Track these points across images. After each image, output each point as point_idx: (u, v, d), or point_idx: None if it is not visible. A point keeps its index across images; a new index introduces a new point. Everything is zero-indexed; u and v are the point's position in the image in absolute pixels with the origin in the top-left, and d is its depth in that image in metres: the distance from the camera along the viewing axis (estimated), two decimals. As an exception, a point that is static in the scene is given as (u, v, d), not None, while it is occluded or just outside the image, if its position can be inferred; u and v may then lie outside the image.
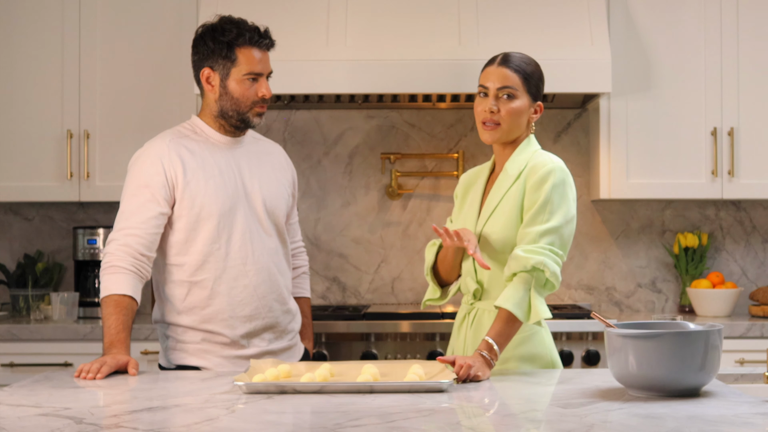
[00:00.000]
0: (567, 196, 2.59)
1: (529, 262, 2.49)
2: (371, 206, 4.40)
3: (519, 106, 2.65)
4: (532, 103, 2.68)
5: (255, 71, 2.88)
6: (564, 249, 2.57)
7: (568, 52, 3.80)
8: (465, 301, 2.75)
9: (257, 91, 2.89)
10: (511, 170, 2.67)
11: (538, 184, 2.58)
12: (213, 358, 2.87)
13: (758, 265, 4.38)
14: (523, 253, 2.51)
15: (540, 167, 2.60)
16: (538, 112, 2.70)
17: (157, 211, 2.81)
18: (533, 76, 2.68)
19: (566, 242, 2.58)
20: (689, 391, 2.12)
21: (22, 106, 4.09)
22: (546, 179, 2.58)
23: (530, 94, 2.67)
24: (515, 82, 2.64)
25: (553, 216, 2.55)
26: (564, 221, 2.56)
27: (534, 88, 2.67)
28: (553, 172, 2.59)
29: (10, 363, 3.77)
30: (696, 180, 4.04)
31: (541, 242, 2.53)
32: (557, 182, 2.58)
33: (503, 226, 2.62)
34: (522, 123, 2.67)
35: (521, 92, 2.65)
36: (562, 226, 2.56)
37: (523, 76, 2.66)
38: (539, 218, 2.56)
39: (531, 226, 2.56)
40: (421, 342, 3.74)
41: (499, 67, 2.66)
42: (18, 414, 2.03)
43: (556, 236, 2.55)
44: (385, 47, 3.83)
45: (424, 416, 1.96)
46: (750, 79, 4.03)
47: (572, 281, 4.38)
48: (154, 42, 4.08)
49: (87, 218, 4.43)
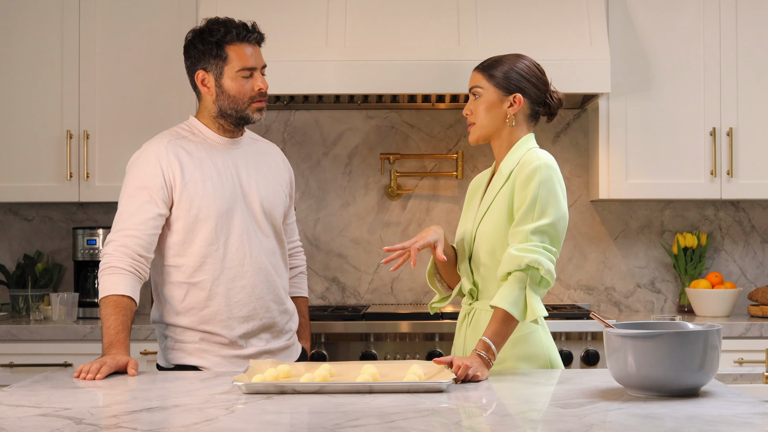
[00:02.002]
0: (555, 191, 2.58)
1: (523, 260, 2.49)
2: (370, 206, 4.40)
3: (485, 101, 2.68)
4: (504, 95, 2.68)
5: (248, 66, 2.88)
6: (557, 245, 2.57)
7: (567, 53, 3.80)
8: (464, 301, 2.77)
9: (253, 86, 2.89)
10: (504, 170, 2.67)
11: (525, 182, 2.58)
12: (211, 358, 2.87)
13: (757, 265, 4.38)
14: (517, 251, 2.51)
15: (527, 165, 2.60)
16: (514, 105, 2.68)
17: (155, 213, 2.81)
18: (498, 70, 2.68)
19: (559, 238, 2.58)
20: (688, 391, 2.12)
21: (22, 107, 4.09)
22: (532, 177, 2.57)
23: (499, 88, 2.67)
24: (479, 80, 2.70)
25: (543, 213, 2.55)
26: (555, 218, 2.56)
27: (503, 81, 2.67)
28: (539, 169, 2.57)
29: (10, 363, 3.77)
30: (695, 180, 4.04)
31: (534, 240, 2.53)
32: (544, 178, 2.57)
33: (494, 226, 2.62)
34: (496, 117, 2.68)
35: (486, 88, 2.68)
36: (554, 223, 2.55)
37: (487, 72, 2.69)
38: (529, 216, 2.55)
39: (522, 224, 2.56)
40: (421, 342, 3.74)
41: (472, 73, 2.75)
42: (18, 414, 2.03)
43: (547, 233, 2.55)
44: (384, 48, 3.83)
45: (423, 416, 1.96)
46: (749, 80, 4.04)
47: (571, 281, 4.38)
48: (154, 42, 4.09)
49: (86, 219, 4.43)
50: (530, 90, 2.68)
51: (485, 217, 2.66)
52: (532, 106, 2.70)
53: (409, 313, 3.85)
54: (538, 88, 2.69)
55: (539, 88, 2.69)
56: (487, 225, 2.64)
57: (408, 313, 3.85)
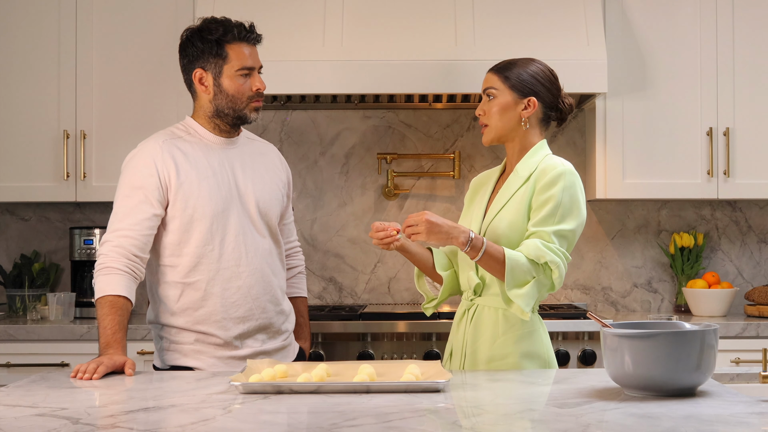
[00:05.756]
0: (578, 199, 2.63)
1: (545, 256, 2.53)
2: (368, 206, 4.40)
3: (500, 103, 2.70)
4: (519, 98, 2.70)
5: (247, 65, 2.89)
6: (570, 251, 2.62)
7: (564, 53, 3.80)
8: (465, 297, 2.76)
9: (251, 85, 2.90)
10: (522, 172, 2.70)
11: (548, 185, 2.61)
12: (206, 359, 2.87)
13: (754, 265, 4.38)
14: (542, 245, 2.54)
15: (550, 169, 2.64)
16: (529, 108, 2.70)
17: (150, 213, 2.81)
18: (514, 72, 2.70)
19: (572, 246, 2.63)
20: (685, 390, 2.12)
21: (19, 107, 4.09)
22: (556, 181, 2.61)
23: (515, 90, 2.70)
24: (494, 81, 2.72)
25: (564, 219, 2.59)
26: (576, 224, 2.62)
27: (518, 84, 2.69)
28: (564, 174, 2.62)
29: (7, 363, 3.76)
30: (692, 180, 4.05)
31: (556, 242, 2.57)
32: (568, 185, 2.62)
33: (510, 224, 2.64)
34: (511, 119, 2.71)
35: (501, 90, 2.70)
36: (574, 230, 2.62)
37: (503, 74, 2.71)
38: (551, 219, 2.59)
39: (543, 225, 2.59)
40: (418, 342, 3.74)
41: (486, 74, 2.76)
42: (14, 414, 2.03)
43: (567, 238, 2.61)
44: (381, 48, 3.83)
45: (420, 416, 1.97)
46: (745, 80, 4.04)
47: (568, 281, 4.38)
48: (151, 42, 4.08)
49: (83, 218, 4.43)
50: (544, 94, 2.71)
51: (500, 213, 2.67)
52: (545, 110, 2.74)
53: (406, 312, 3.85)
54: (551, 92, 2.73)
55: (553, 93, 2.73)
56: (503, 222, 2.65)
57: (405, 312, 3.85)
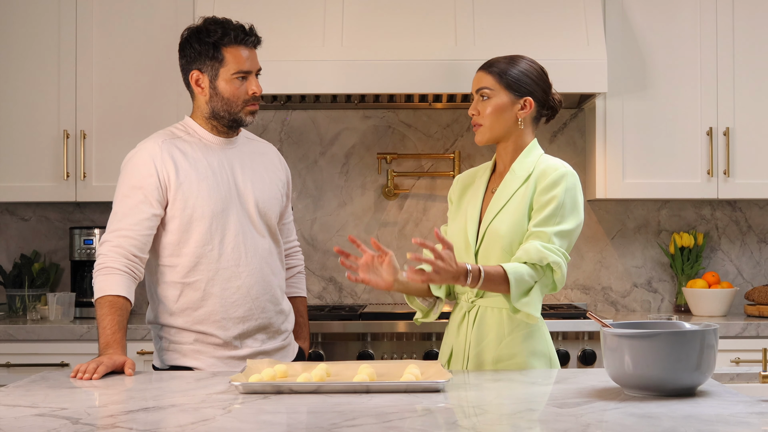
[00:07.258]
0: (578, 200, 2.65)
1: (546, 258, 2.53)
2: (367, 206, 4.40)
3: (495, 104, 2.69)
4: (515, 99, 2.69)
5: (243, 69, 2.88)
6: (568, 252, 2.62)
7: (564, 53, 3.80)
8: (465, 299, 2.73)
9: (247, 89, 2.89)
10: (519, 171, 2.69)
11: (550, 186, 2.61)
12: (206, 359, 2.87)
13: (753, 264, 4.38)
14: (543, 248, 2.54)
15: (552, 170, 2.64)
16: (526, 108, 2.70)
17: (149, 213, 2.81)
18: (510, 72, 2.68)
19: (571, 246, 2.64)
20: (685, 390, 2.12)
21: (19, 107, 4.09)
22: (559, 182, 2.61)
23: (511, 90, 2.68)
24: (489, 81, 2.69)
25: (565, 219, 2.60)
26: (575, 225, 2.62)
27: (514, 84, 2.68)
28: (566, 176, 2.63)
29: (7, 363, 3.76)
30: (692, 180, 4.05)
31: (556, 243, 2.57)
32: (570, 186, 2.63)
33: (510, 226, 2.63)
34: (506, 120, 2.69)
35: (497, 90, 2.68)
36: (574, 230, 2.62)
37: (498, 74, 2.69)
38: (553, 219, 2.59)
39: (544, 225, 2.59)
40: (418, 342, 3.74)
41: (477, 72, 2.74)
42: (14, 414, 2.03)
43: (567, 239, 2.61)
44: (381, 47, 3.83)
45: (420, 416, 1.96)
46: (745, 79, 4.04)
47: (568, 281, 4.38)
48: (151, 42, 4.08)
49: (83, 218, 4.43)
50: (538, 93, 2.71)
51: (500, 215, 2.66)
52: (539, 108, 2.73)
53: (405, 312, 3.85)
54: (544, 91, 2.73)
55: (545, 90, 2.73)
56: (504, 223, 2.65)
57: (405, 312, 3.85)
